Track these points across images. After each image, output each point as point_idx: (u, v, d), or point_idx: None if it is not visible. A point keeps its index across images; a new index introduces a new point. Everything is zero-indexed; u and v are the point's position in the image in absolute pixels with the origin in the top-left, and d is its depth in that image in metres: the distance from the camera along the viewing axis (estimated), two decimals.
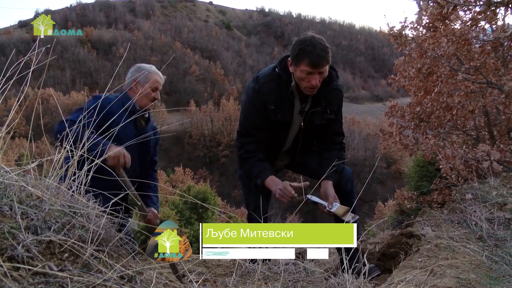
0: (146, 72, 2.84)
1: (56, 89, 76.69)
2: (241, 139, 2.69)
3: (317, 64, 2.32)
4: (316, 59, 2.31)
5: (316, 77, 2.36)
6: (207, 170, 63.97)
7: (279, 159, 2.90)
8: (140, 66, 2.94)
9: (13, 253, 0.97)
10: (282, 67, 2.55)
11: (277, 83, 2.55)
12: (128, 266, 1.23)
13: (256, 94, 2.57)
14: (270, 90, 2.55)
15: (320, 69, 2.35)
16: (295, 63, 2.41)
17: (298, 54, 2.36)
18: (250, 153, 2.64)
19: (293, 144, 2.78)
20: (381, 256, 2.99)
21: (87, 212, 1.29)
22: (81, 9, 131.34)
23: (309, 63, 2.32)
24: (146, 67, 2.90)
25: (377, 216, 24.63)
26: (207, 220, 11.07)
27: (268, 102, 2.55)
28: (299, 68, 2.38)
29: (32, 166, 1.34)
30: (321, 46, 2.33)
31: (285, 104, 2.57)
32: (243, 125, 2.67)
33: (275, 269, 1.93)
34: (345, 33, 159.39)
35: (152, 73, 2.86)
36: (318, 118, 2.63)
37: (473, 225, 2.63)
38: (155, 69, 2.92)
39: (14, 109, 1.53)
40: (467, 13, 5.60)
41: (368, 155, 63.10)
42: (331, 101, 2.62)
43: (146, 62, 3.12)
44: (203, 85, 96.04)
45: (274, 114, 2.57)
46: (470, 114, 5.89)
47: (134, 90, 2.80)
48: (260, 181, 2.61)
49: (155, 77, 2.86)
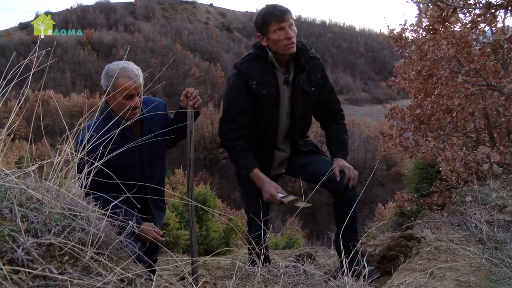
0: (112, 78, 2.33)
1: (57, 91, 76.73)
2: (224, 126, 2.73)
3: (283, 17, 2.49)
4: (280, 13, 2.50)
5: (288, 30, 2.50)
6: (207, 172, 63.90)
7: (279, 148, 2.85)
8: (108, 70, 2.40)
9: (13, 256, 0.98)
10: (256, 47, 2.68)
11: (255, 61, 2.65)
12: (128, 269, 1.23)
13: (237, 77, 2.64)
14: (250, 68, 2.63)
15: (287, 21, 2.51)
16: (265, 30, 2.56)
17: (264, 20, 2.55)
18: (233, 141, 2.67)
19: (290, 124, 2.78)
20: (381, 259, 2.99)
21: (87, 215, 1.29)
22: (81, 11, 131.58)
23: (276, 19, 2.50)
24: (113, 70, 2.36)
25: (377, 218, 24.60)
26: (207, 223, 11.05)
27: (250, 79, 2.61)
28: (271, 31, 2.53)
29: (32, 168, 1.35)
30: (279, 5, 2.56)
31: (267, 78, 2.63)
32: (227, 111, 2.71)
33: (274, 272, 1.93)
34: (345, 35, 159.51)
35: (119, 79, 2.33)
36: (306, 85, 2.69)
37: (473, 228, 2.63)
38: (124, 70, 2.36)
39: (14, 111, 1.53)
40: (467, 15, 5.60)
41: (368, 157, 63.06)
42: (312, 68, 2.71)
43: (146, 65, 2.91)
44: (203, 87, 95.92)
45: (259, 90, 2.62)
46: (470, 116, 5.89)
47: (111, 100, 2.41)
48: (244, 173, 2.66)
49: (124, 83, 2.32)
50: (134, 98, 2.37)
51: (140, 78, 2.41)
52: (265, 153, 2.78)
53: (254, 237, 2.54)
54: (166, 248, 1.93)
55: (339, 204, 2.72)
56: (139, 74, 2.41)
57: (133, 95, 2.36)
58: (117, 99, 2.35)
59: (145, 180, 2.51)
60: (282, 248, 12.07)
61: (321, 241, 17.65)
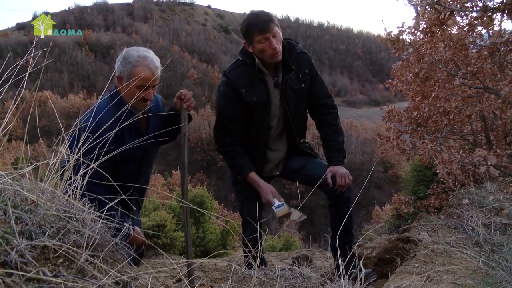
0: (130, 65, 2.22)
1: (54, 91, 76.74)
2: (217, 133, 2.76)
3: (266, 28, 2.46)
4: (263, 24, 2.45)
5: (272, 41, 2.47)
6: (205, 174, 63.86)
7: (272, 149, 2.85)
8: (127, 55, 2.25)
9: (6, 259, 0.96)
10: (243, 54, 2.66)
11: (243, 68, 2.65)
12: (123, 271, 1.22)
13: (226, 85, 2.65)
14: (238, 75, 2.63)
15: (270, 31, 2.47)
16: (250, 40, 2.53)
17: (248, 30, 2.51)
18: (227, 146, 2.71)
19: (284, 124, 2.77)
20: (378, 261, 2.98)
21: (83, 217, 1.28)
22: (79, 12, 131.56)
23: (259, 30, 2.46)
24: (133, 56, 2.23)
25: (374, 220, 24.64)
26: (204, 224, 11.03)
27: (239, 87, 2.61)
28: (255, 41, 2.50)
29: (27, 170, 1.33)
30: (263, 13, 2.52)
31: (256, 85, 2.63)
32: (218, 118, 2.74)
33: (271, 275, 1.92)
34: (343, 38, 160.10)
35: (137, 67, 2.21)
36: (295, 83, 2.68)
37: (470, 230, 2.63)
38: (144, 59, 2.23)
39: (10, 111, 1.52)
40: (464, 18, 5.61)
41: (365, 159, 63.18)
42: (300, 64, 2.70)
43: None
44: (201, 88, 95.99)
45: (248, 97, 2.62)
46: (467, 119, 5.90)
47: (123, 89, 2.25)
48: (241, 177, 2.71)
49: (143, 72, 2.19)
50: (149, 90, 2.25)
51: (159, 70, 2.30)
52: (257, 154, 2.78)
53: (250, 240, 2.53)
54: (163, 250, 1.92)
55: (334, 206, 2.73)
56: (158, 65, 2.29)
57: (148, 86, 2.24)
58: (131, 88, 2.18)
59: (139, 175, 2.50)
60: (279, 250, 12.06)
61: (318, 243, 17.64)
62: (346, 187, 2.59)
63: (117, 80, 2.30)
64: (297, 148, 2.86)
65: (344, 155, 2.74)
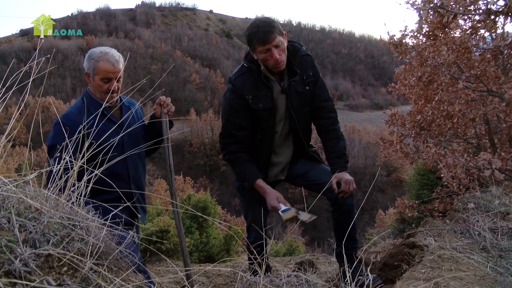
0: (93, 61, 2.46)
1: (57, 97, 76.91)
2: (223, 140, 2.76)
3: (267, 39, 2.43)
4: (264, 36, 2.42)
5: (274, 51, 2.45)
6: (208, 179, 63.86)
7: (277, 153, 2.84)
8: (91, 53, 2.51)
9: (10, 268, 0.95)
10: (248, 60, 2.65)
11: (248, 75, 2.64)
12: (127, 280, 1.20)
13: (232, 92, 2.64)
14: (244, 82, 2.62)
15: (272, 42, 2.44)
16: (252, 50, 2.53)
17: (250, 40, 2.50)
18: (233, 153, 2.70)
19: (290, 128, 2.77)
20: (383, 266, 2.95)
21: (87, 224, 1.27)
22: (82, 17, 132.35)
23: (260, 42, 2.44)
24: (95, 53, 2.49)
25: (378, 224, 24.54)
26: (208, 229, 10.99)
27: (245, 93, 2.60)
28: (257, 51, 2.50)
29: (31, 177, 1.33)
30: (264, 23, 2.46)
31: (262, 91, 2.62)
32: (224, 126, 2.73)
33: (276, 282, 1.90)
34: (345, 42, 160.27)
35: (99, 61, 2.45)
36: (299, 86, 2.67)
37: (476, 235, 2.60)
38: (105, 55, 2.47)
39: (14, 117, 1.51)
40: (467, 21, 5.60)
41: (368, 163, 63.09)
42: (304, 67, 2.69)
43: (146, 71, 2.94)
44: (203, 93, 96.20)
45: (255, 104, 2.61)
46: (471, 122, 5.87)
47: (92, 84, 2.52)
48: (247, 184, 2.69)
49: (104, 66, 2.44)
50: (112, 82, 2.46)
51: (120, 64, 2.50)
52: (262, 159, 2.77)
53: (255, 247, 2.52)
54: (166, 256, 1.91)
55: (337, 213, 2.71)
56: (119, 60, 2.50)
57: (111, 78, 2.45)
58: (96, 81, 2.47)
59: (127, 165, 2.53)
60: (282, 255, 12.01)
61: (321, 247, 17.58)
62: (349, 194, 2.57)
63: (86, 77, 2.54)
64: (303, 151, 2.85)
65: (346, 160, 2.72)
